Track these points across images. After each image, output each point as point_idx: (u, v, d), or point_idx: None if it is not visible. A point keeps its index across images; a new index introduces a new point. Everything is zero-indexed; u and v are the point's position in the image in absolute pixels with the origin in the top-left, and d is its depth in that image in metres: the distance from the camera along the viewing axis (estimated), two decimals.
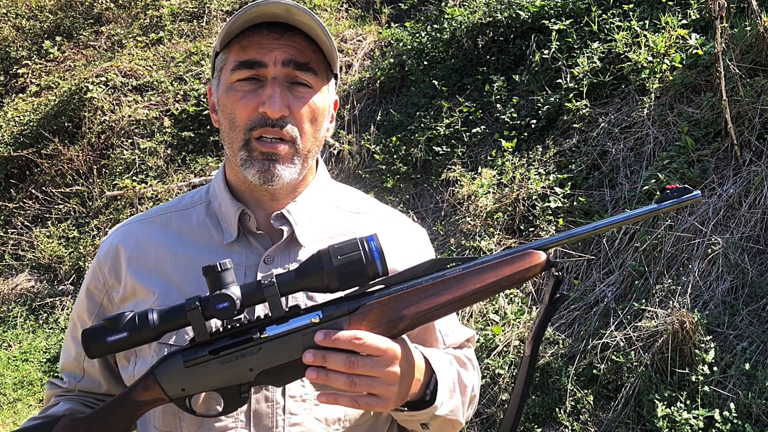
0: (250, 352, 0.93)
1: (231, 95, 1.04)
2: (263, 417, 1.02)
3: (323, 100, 1.08)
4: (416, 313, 0.93)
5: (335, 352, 0.89)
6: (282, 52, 1.02)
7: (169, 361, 0.95)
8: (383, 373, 0.90)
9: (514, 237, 4.15)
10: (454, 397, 1.05)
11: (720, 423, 2.83)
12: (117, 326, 0.91)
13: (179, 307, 0.92)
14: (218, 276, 0.90)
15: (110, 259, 1.14)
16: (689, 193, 0.95)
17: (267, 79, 1.03)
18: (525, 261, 0.94)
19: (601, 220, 0.98)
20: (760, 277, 3.26)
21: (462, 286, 0.94)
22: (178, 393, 0.95)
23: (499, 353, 3.57)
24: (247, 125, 1.03)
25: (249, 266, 1.07)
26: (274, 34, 1.03)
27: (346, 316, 0.92)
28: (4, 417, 4.39)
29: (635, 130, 4.14)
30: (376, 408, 0.92)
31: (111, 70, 6.82)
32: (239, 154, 1.05)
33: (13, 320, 5.45)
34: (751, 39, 3.80)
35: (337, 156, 5.49)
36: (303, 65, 1.03)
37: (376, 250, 0.91)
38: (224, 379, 0.94)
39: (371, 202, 1.24)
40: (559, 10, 4.88)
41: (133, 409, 0.97)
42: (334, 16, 6.72)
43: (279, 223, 1.09)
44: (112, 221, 5.88)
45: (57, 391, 1.19)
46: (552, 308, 0.97)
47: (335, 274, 0.90)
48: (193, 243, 1.11)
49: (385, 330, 0.92)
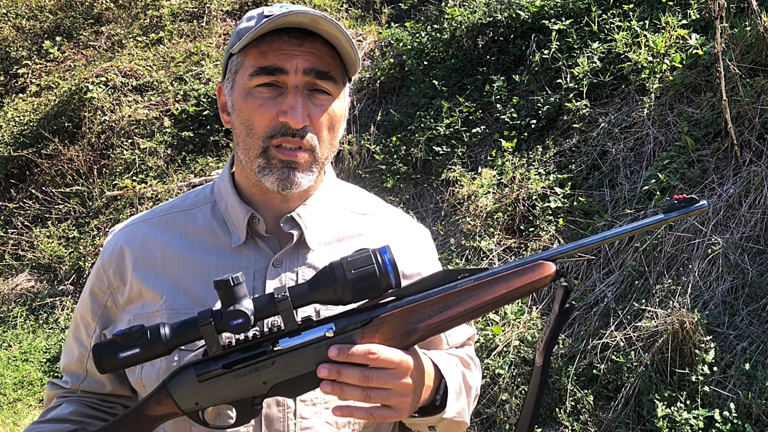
0: (264, 366, 0.92)
1: (249, 101, 1.02)
2: (274, 421, 1.02)
3: (341, 106, 1.07)
4: (429, 325, 0.94)
5: (350, 366, 0.89)
6: (303, 60, 1.00)
7: (181, 375, 0.94)
8: (398, 385, 0.91)
9: (514, 237, 4.15)
10: (460, 399, 1.06)
11: (720, 423, 2.83)
12: (129, 342, 0.91)
13: (191, 320, 0.92)
14: (231, 290, 0.89)
15: (115, 261, 1.12)
16: (696, 203, 0.96)
17: (287, 86, 1.01)
18: (536, 272, 0.95)
19: (609, 231, 0.99)
20: (760, 277, 3.26)
21: (474, 297, 0.94)
22: (191, 407, 0.94)
23: (499, 353, 3.57)
24: (266, 133, 1.02)
25: (258, 269, 1.07)
26: (295, 41, 1.01)
27: (359, 329, 0.92)
28: (4, 417, 4.39)
29: (635, 130, 4.14)
30: (391, 419, 0.93)
31: (111, 70, 6.82)
32: (257, 161, 1.04)
33: (13, 320, 5.45)
34: (751, 39, 3.80)
35: (337, 156, 5.49)
36: (324, 74, 1.02)
37: (390, 262, 0.91)
38: (238, 392, 0.93)
39: (377, 202, 1.23)
40: (559, 10, 4.88)
41: (147, 423, 0.96)
42: (334, 16, 6.72)
43: (289, 227, 1.09)
44: (112, 221, 5.88)
45: (59, 392, 1.18)
46: (563, 318, 0.98)
47: (349, 287, 0.90)
48: (200, 245, 1.10)
49: (398, 342, 0.93)
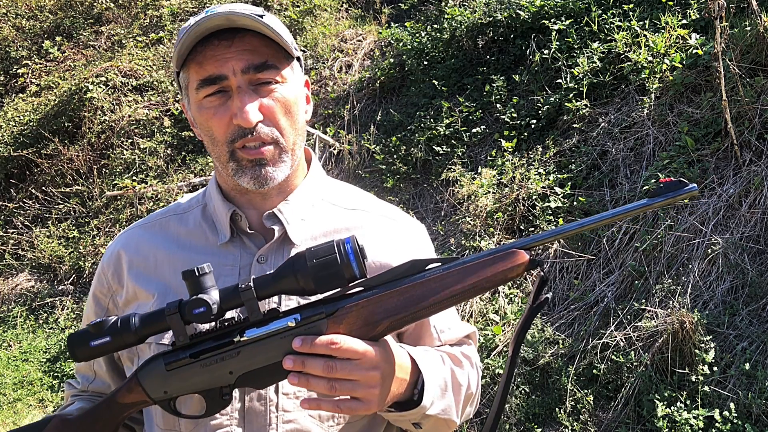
0: (229, 356, 0.93)
1: (203, 113, 1.05)
2: (257, 415, 1.03)
3: (292, 88, 1.08)
4: (395, 316, 0.92)
5: (314, 357, 0.89)
6: (237, 60, 1.01)
7: (151, 365, 0.95)
8: (362, 376, 0.90)
9: (514, 237, 4.15)
10: (446, 396, 1.05)
11: (720, 423, 2.83)
12: (100, 331, 0.92)
13: (159, 311, 0.93)
14: (197, 281, 0.90)
15: (113, 265, 1.18)
16: (685, 187, 0.89)
17: (232, 89, 1.02)
18: (507, 261, 0.92)
19: (588, 218, 0.93)
20: (760, 277, 3.26)
21: (442, 288, 0.92)
22: (160, 395, 0.95)
23: (499, 353, 3.57)
24: (227, 138, 1.04)
25: (243, 266, 1.09)
26: (225, 42, 1.02)
27: (324, 320, 0.91)
28: (4, 417, 4.39)
29: (635, 130, 4.14)
30: (359, 411, 0.92)
31: (111, 70, 6.82)
32: (229, 165, 1.06)
33: (13, 320, 5.45)
34: (751, 39, 3.80)
35: (337, 156, 5.49)
36: (261, 66, 1.03)
37: (352, 251, 0.89)
38: (205, 381, 0.94)
39: (369, 198, 1.24)
40: (559, 10, 4.88)
41: (118, 411, 0.98)
42: (334, 16, 6.72)
43: (271, 223, 1.11)
44: (112, 221, 5.88)
45: (73, 392, 1.24)
46: (536, 309, 0.94)
47: (311, 276, 0.89)
48: (190, 245, 1.14)
49: (363, 333, 0.92)
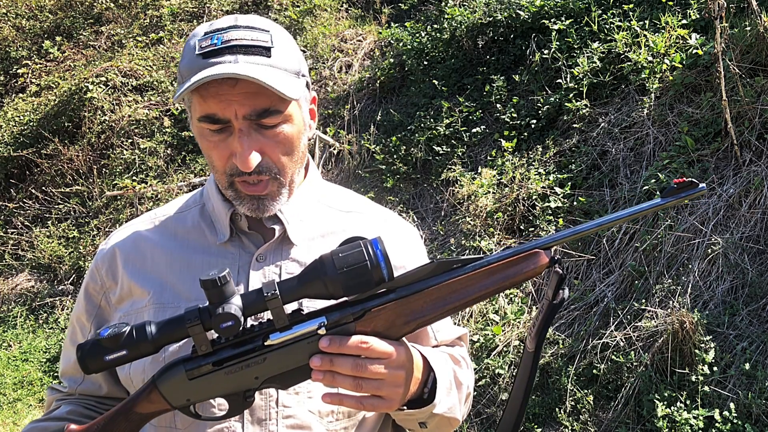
0: (255, 362, 0.91)
1: (204, 141, 1.04)
2: (257, 409, 1.03)
3: (295, 123, 1.05)
4: (422, 317, 0.93)
5: (342, 356, 0.89)
6: (240, 105, 0.98)
7: (171, 372, 0.92)
8: (390, 375, 0.91)
9: (514, 237, 4.15)
10: (451, 394, 1.06)
11: (720, 423, 2.83)
12: (116, 345, 0.88)
13: (178, 319, 0.90)
14: (219, 290, 0.87)
15: (107, 261, 1.16)
16: (696, 187, 0.94)
17: (234, 129, 1.00)
18: (531, 261, 0.94)
19: (604, 216, 0.97)
20: (760, 277, 3.26)
21: (468, 289, 0.94)
22: (183, 403, 0.93)
23: (499, 353, 3.57)
24: (226, 171, 1.04)
25: (242, 265, 1.09)
26: (230, 81, 0.97)
27: (351, 323, 0.91)
28: (4, 417, 4.39)
29: (635, 130, 4.14)
30: (381, 409, 0.93)
31: (111, 70, 6.82)
32: (227, 191, 1.07)
33: (13, 320, 5.45)
34: (751, 39, 3.80)
35: (337, 156, 5.49)
36: (264, 113, 0.99)
37: (381, 254, 0.89)
38: (229, 387, 0.93)
39: (363, 201, 1.25)
40: (559, 10, 4.88)
41: (138, 422, 0.96)
42: (334, 16, 6.72)
43: (271, 222, 1.11)
44: (112, 221, 5.88)
45: (57, 396, 1.21)
46: (557, 305, 0.96)
47: (340, 282, 0.88)
48: (188, 244, 1.13)
49: (389, 333, 0.92)
